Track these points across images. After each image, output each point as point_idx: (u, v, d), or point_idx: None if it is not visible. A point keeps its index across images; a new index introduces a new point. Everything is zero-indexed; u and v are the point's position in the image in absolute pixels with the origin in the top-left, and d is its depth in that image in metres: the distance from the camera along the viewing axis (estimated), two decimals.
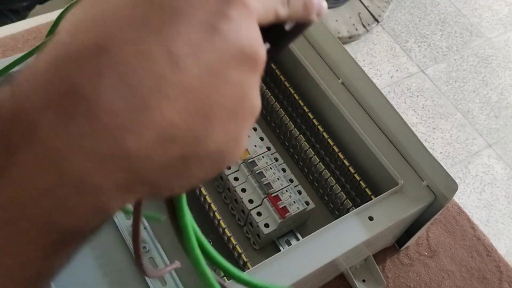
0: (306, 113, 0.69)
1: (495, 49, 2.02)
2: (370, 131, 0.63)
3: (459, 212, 0.72)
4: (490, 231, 1.60)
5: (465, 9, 2.13)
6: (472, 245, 0.70)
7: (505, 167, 1.74)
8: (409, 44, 1.99)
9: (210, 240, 0.62)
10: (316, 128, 0.69)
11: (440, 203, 0.59)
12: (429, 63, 1.96)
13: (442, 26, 2.06)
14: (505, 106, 1.88)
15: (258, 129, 0.69)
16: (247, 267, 0.60)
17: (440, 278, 0.66)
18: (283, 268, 0.53)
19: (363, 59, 1.92)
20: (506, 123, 1.84)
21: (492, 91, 1.91)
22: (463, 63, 1.97)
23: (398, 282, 0.65)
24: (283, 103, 0.73)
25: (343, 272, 0.63)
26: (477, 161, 1.75)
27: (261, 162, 0.64)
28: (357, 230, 0.56)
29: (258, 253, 0.64)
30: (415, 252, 0.68)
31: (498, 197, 1.67)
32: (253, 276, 0.52)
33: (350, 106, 0.64)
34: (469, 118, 1.84)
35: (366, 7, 1.99)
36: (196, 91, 0.21)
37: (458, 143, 1.77)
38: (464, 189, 1.67)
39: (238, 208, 0.65)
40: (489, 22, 2.10)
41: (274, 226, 0.61)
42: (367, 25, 1.95)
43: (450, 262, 0.68)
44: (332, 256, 0.54)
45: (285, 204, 0.62)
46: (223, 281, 0.34)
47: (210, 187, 0.68)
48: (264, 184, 0.63)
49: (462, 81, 1.92)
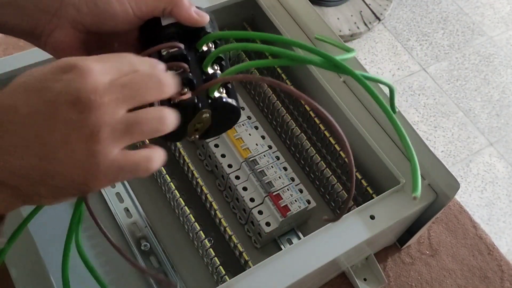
0: (308, 112, 0.69)
1: (497, 48, 2.02)
2: (372, 129, 0.63)
3: (461, 211, 0.72)
4: (492, 230, 1.60)
5: (467, 7, 2.12)
6: (474, 244, 0.70)
7: (507, 166, 1.74)
8: (410, 42, 1.99)
9: (212, 239, 0.62)
10: (317, 127, 0.68)
11: (441, 202, 0.59)
12: (431, 62, 1.95)
13: (444, 24, 2.06)
14: (507, 105, 1.87)
15: (259, 128, 0.69)
16: (248, 266, 0.60)
17: (441, 277, 0.66)
18: (284, 266, 0.53)
19: (364, 57, 1.92)
20: (508, 122, 1.84)
21: (493, 89, 1.91)
22: (464, 61, 1.97)
23: (400, 281, 0.65)
24: (284, 101, 0.73)
25: (344, 270, 0.63)
26: (478, 159, 1.74)
27: (262, 161, 0.64)
28: (358, 229, 0.56)
29: (260, 251, 0.64)
30: (417, 251, 0.68)
31: (499, 195, 1.67)
32: (253, 275, 0.52)
33: (351, 105, 0.64)
34: (471, 116, 1.83)
35: (367, 5, 1.98)
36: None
37: (459, 142, 1.77)
38: (465, 187, 1.67)
39: (239, 207, 0.65)
40: (491, 20, 2.10)
41: (276, 225, 0.61)
42: (369, 23, 1.95)
43: (451, 261, 0.68)
44: (334, 255, 0.54)
45: (286, 202, 0.62)
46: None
47: (211, 186, 0.67)
48: (265, 182, 0.63)
49: (463, 80, 1.92)
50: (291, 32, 0.69)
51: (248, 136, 0.66)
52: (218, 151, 0.65)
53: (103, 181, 0.34)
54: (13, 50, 0.75)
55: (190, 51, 0.43)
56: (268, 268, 0.52)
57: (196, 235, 0.61)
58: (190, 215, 0.61)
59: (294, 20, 0.70)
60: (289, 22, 0.70)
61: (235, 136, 0.66)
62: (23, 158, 0.32)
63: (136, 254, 0.61)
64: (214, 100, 0.42)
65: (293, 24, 0.70)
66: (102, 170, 0.33)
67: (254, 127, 0.67)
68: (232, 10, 0.72)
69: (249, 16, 0.75)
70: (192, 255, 0.63)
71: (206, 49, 0.44)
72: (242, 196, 0.63)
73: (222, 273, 0.58)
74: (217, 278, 0.60)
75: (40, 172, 0.33)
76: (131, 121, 0.34)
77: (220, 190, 0.68)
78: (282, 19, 0.70)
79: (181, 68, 0.42)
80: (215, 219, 0.63)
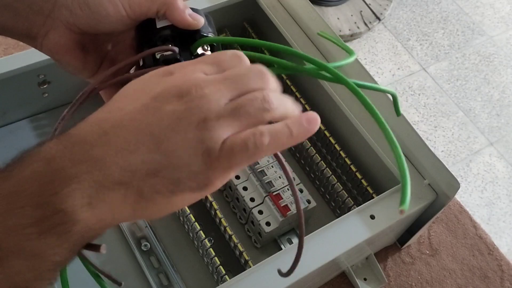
0: (308, 111, 0.69)
1: (497, 47, 2.02)
2: (372, 129, 0.63)
3: (461, 211, 0.72)
4: (492, 230, 1.60)
5: (467, 7, 2.12)
6: (474, 244, 0.70)
7: (507, 166, 1.74)
8: (410, 42, 1.99)
9: (212, 239, 0.62)
10: None
11: (441, 202, 0.59)
12: (431, 61, 1.95)
13: (444, 24, 2.06)
14: (507, 104, 1.87)
15: None
16: (248, 266, 0.60)
17: (441, 277, 0.66)
18: (284, 266, 0.53)
19: (364, 57, 1.92)
20: (508, 122, 1.84)
21: (494, 89, 1.91)
22: (465, 61, 1.97)
23: (400, 281, 0.65)
24: None
25: (344, 270, 0.63)
26: (478, 159, 1.74)
27: (262, 160, 0.64)
28: (358, 229, 0.56)
29: (260, 251, 0.64)
30: (417, 250, 0.68)
31: (499, 195, 1.67)
32: (254, 274, 0.52)
33: (351, 104, 0.64)
34: (471, 116, 1.83)
35: (367, 5, 1.98)
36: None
37: (459, 142, 1.77)
38: (465, 187, 1.67)
39: (239, 207, 0.65)
40: (491, 20, 2.10)
41: (276, 225, 0.61)
42: (369, 23, 1.95)
43: (451, 260, 0.68)
44: (334, 254, 0.54)
45: (287, 202, 0.62)
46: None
47: None
48: (265, 182, 0.63)
49: (464, 80, 1.92)
50: (291, 32, 0.69)
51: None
52: None
53: (218, 169, 0.33)
54: (13, 50, 0.76)
55: (184, 53, 0.43)
56: (268, 268, 0.52)
57: (196, 235, 0.61)
58: (190, 215, 0.61)
59: (294, 20, 0.70)
60: (289, 22, 0.70)
61: None
62: (134, 152, 0.32)
63: (136, 254, 0.61)
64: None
65: (293, 24, 0.70)
66: (215, 157, 0.33)
67: None
68: (232, 10, 0.72)
69: (249, 16, 0.75)
70: (192, 255, 0.63)
71: (201, 52, 0.44)
72: (242, 196, 0.63)
73: (222, 273, 0.58)
74: (217, 278, 0.60)
75: (150, 162, 0.32)
76: (235, 105, 0.34)
77: (220, 190, 0.68)
78: (282, 19, 0.70)
79: None
80: (215, 219, 0.63)
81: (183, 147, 0.32)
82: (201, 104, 0.33)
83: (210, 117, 0.32)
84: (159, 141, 0.32)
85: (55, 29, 0.43)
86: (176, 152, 0.32)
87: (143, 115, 0.32)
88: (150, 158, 0.32)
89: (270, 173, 0.64)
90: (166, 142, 0.32)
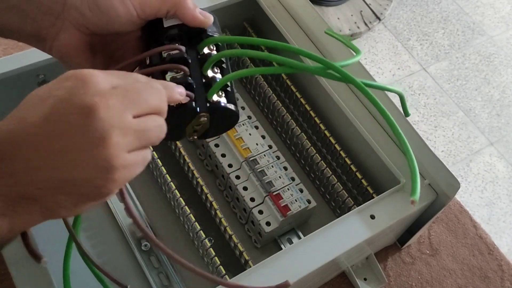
0: (308, 111, 0.69)
1: (497, 47, 2.02)
2: (372, 129, 0.63)
3: (461, 211, 0.72)
4: (492, 230, 1.60)
5: (467, 7, 2.12)
6: (474, 244, 0.70)
7: (507, 166, 1.74)
8: (411, 42, 1.99)
9: (212, 239, 0.62)
10: (317, 126, 0.68)
11: (441, 202, 0.59)
12: (431, 61, 1.95)
13: (444, 24, 2.05)
14: (507, 104, 1.87)
15: (259, 127, 0.69)
16: (248, 266, 0.60)
17: (441, 277, 0.66)
18: (284, 266, 0.53)
19: (364, 57, 1.92)
20: (508, 122, 1.84)
21: (494, 89, 1.91)
22: (465, 61, 1.97)
23: (400, 281, 0.65)
24: (285, 101, 0.73)
25: (344, 270, 0.63)
26: (479, 159, 1.74)
27: (262, 160, 0.64)
28: (358, 229, 0.56)
29: (260, 251, 0.64)
30: (417, 250, 0.68)
31: (500, 195, 1.67)
32: (254, 274, 0.52)
33: (351, 104, 0.64)
34: (471, 116, 1.83)
35: (368, 4, 1.98)
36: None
37: (459, 142, 1.77)
38: (465, 187, 1.67)
39: (239, 207, 0.65)
40: (491, 20, 2.10)
41: (276, 225, 0.61)
42: (369, 23, 1.94)
43: (451, 260, 0.68)
44: (334, 254, 0.54)
45: (287, 202, 0.62)
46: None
47: (212, 186, 0.67)
48: (265, 182, 0.63)
49: (464, 79, 1.92)
50: (291, 32, 0.69)
51: (248, 135, 0.66)
52: (218, 151, 0.65)
53: (119, 180, 0.34)
54: (13, 50, 0.76)
55: (191, 52, 0.44)
56: (268, 268, 0.52)
57: (196, 235, 0.61)
58: (190, 215, 0.61)
59: (295, 20, 0.70)
60: (290, 22, 0.70)
61: (235, 136, 0.66)
62: (40, 169, 0.32)
63: (136, 254, 0.61)
64: (212, 104, 0.42)
65: (294, 24, 0.69)
66: (117, 173, 0.33)
67: (254, 126, 0.67)
68: (232, 10, 0.72)
69: (250, 16, 0.75)
70: (192, 255, 0.63)
71: (207, 52, 0.44)
72: (243, 196, 0.63)
73: (222, 273, 0.58)
74: None
75: (56, 180, 0.33)
76: (142, 126, 0.34)
77: (220, 189, 0.68)
78: (283, 19, 0.70)
79: (181, 71, 0.42)
80: (215, 219, 0.63)
81: (86, 164, 0.33)
82: (104, 119, 0.33)
83: (114, 134, 0.33)
84: (61, 157, 0.32)
85: (65, 31, 0.43)
86: (79, 169, 0.33)
87: (43, 129, 0.32)
88: (52, 174, 0.32)
89: (270, 173, 0.64)
90: (69, 158, 0.32)
